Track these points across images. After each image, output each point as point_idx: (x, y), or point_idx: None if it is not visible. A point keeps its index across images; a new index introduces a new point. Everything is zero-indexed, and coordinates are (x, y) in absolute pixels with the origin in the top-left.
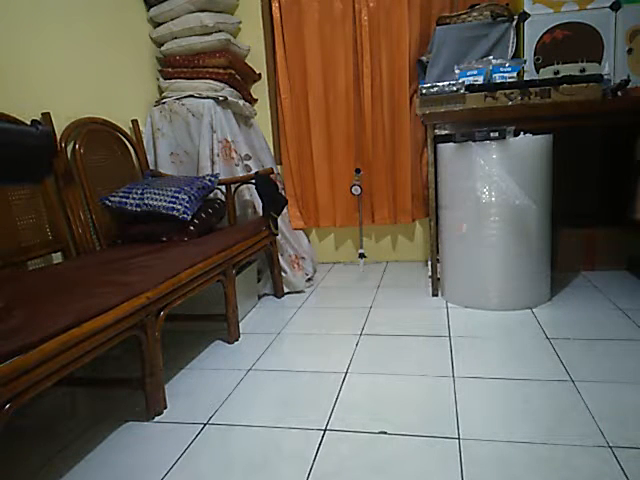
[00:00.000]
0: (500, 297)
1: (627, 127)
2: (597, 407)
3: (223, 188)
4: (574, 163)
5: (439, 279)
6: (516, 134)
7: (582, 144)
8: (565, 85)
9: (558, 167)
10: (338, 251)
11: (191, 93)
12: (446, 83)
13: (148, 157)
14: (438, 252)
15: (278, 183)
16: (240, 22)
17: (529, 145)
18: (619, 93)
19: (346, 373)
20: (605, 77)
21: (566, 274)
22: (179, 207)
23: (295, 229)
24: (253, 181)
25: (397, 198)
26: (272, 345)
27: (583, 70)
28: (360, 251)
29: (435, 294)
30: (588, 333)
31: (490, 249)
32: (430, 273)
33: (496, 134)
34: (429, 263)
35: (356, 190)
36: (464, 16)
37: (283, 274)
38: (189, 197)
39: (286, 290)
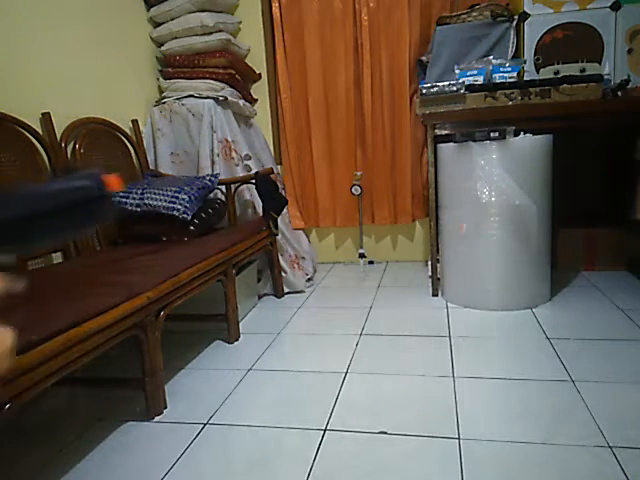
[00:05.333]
0: (500, 297)
1: (627, 127)
2: (597, 407)
3: (223, 188)
4: (574, 163)
5: (439, 279)
6: (516, 134)
7: (582, 144)
8: (565, 85)
9: (558, 167)
10: (338, 251)
11: (191, 93)
12: (446, 83)
13: (148, 157)
14: (438, 252)
15: (278, 183)
16: (240, 22)
17: (529, 145)
18: (619, 93)
19: (346, 373)
20: (605, 77)
21: (566, 274)
22: (179, 207)
23: (295, 229)
24: (253, 181)
25: (397, 198)
26: (272, 345)
27: (583, 70)
28: (360, 251)
29: (435, 294)
30: (588, 333)
31: (490, 249)
32: (430, 273)
33: (496, 134)
34: (429, 263)
35: (356, 190)
36: (464, 16)
37: (283, 274)
38: (189, 197)
39: (286, 290)
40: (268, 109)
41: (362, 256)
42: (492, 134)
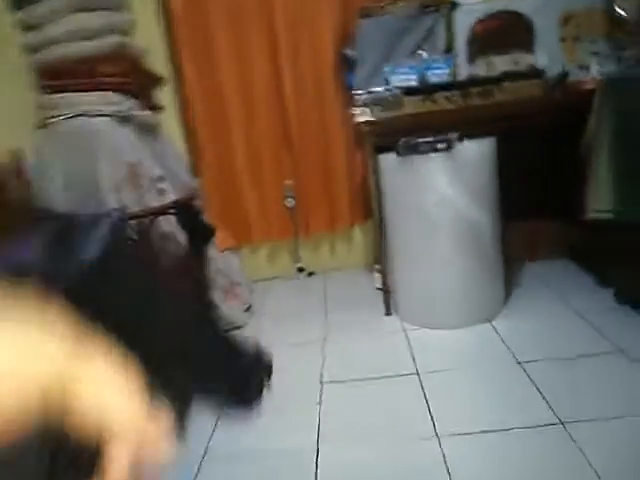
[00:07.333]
0: (456, 313)
1: (571, 123)
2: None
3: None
4: (519, 160)
5: (389, 292)
6: (460, 138)
7: (526, 142)
8: (507, 83)
9: (504, 165)
10: (274, 265)
11: (84, 109)
12: (381, 89)
13: (37, 193)
14: (382, 263)
15: (199, 201)
16: (134, 21)
17: (474, 152)
18: (559, 87)
19: (318, 450)
20: (541, 68)
21: (513, 265)
22: None
23: (224, 250)
24: (173, 211)
25: (333, 202)
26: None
27: (517, 62)
28: (298, 265)
29: (389, 313)
30: (556, 350)
31: (441, 264)
32: (378, 285)
33: (443, 145)
34: (375, 275)
35: (290, 202)
36: (389, 7)
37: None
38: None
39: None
40: (176, 117)
41: (301, 270)
42: (439, 145)
